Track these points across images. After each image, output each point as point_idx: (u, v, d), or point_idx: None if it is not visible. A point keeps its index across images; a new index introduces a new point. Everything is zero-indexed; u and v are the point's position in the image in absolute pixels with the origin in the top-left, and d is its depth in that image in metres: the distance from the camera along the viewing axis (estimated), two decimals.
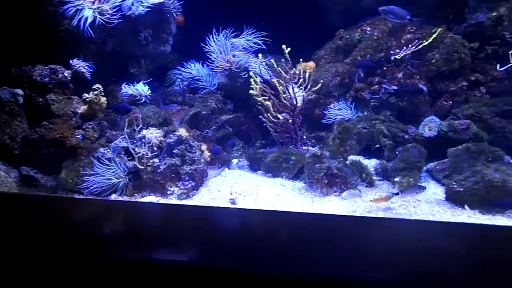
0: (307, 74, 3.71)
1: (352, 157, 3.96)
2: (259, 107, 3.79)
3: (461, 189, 3.01)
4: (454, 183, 3.07)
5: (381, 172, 3.72)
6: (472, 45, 3.89)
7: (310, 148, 4.08)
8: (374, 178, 3.71)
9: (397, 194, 3.11)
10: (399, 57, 3.79)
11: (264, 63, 3.98)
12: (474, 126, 3.60)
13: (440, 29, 3.85)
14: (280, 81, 3.67)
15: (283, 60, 4.00)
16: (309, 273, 1.56)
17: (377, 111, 4.06)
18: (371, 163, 3.91)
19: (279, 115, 3.67)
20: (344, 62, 4.21)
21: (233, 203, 3.02)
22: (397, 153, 3.79)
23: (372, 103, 4.05)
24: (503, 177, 2.90)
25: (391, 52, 3.95)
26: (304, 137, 4.13)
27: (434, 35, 3.70)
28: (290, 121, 3.73)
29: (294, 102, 3.73)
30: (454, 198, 3.07)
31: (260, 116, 3.79)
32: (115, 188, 3.23)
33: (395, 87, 3.89)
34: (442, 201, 3.11)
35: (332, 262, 1.63)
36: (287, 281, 1.57)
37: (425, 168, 3.76)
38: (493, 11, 3.79)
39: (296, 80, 3.78)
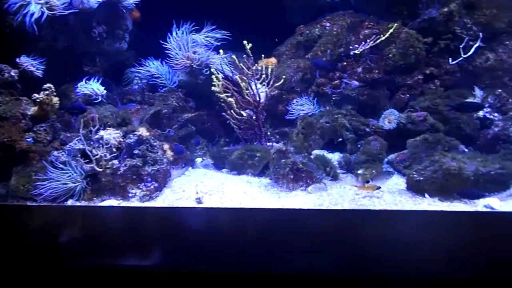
0: (269, 70, 3.70)
1: (316, 152, 4.01)
2: (222, 104, 3.73)
3: (421, 178, 3.12)
4: (414, 172, 3.17)
5: (345, 165, 3.79)
6: (426, 40, 4.04)
7: (274, 144, 4.08)
8: (338, 171, 3.77)
9: (367, 182, 3.21)
10: (358, 52, 3.87)
11: (225, 59, 3.92)
12: (430, 117, 3.75)
13: (396, 24, 3.98)
14: (243, 77, 3.64)
15: (244, 56, 3.97)
16: (281, 269, 1.54)
17: (339, 105, 4.13)
18: (334, 157, 3.98)
19: (242, 112, 3.64)
20: (306, 58, 4.24)
21: (199, 202, 2.95)
22: (359, 146, 3.88)
23: (333, 98, 4.11)
24: (459, 165, 3.04)
25: (351, 47, 4.03)
26: (268, 133, 4.12)
27: (391, 30, 3.81)
28: (254, 117, 3.70)
29: (257, 98, 3.71)
30: (415, 187, 3.18)
31: (224, 113, 3.74)
32: (71, 193, 3.06)
33: (356, 83, 3.97)
34: (404, 191, 3.21)
35: (304, 257, 1.63)
36: (258, 279, 1.53)
37: (386, 159, 3.88)
38: (444, 6, 3.96)
39: (258, 76, 3.76)
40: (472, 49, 4.03)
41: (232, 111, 3.67)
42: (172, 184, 3.37)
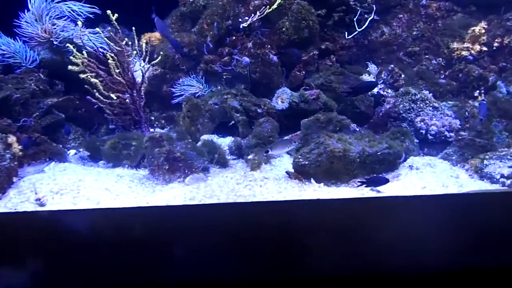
0: (143, 45, 3.21)
1: (205, 137, 3.64)
2: (86, 86, 3.19)
3: (306, 162, 2.89)
4: (299, 156, 2.93)
5: (236, 150, 3.47)
6: (319, 12, 3.79)
7: (159, 130, 3.64)
8: (229, 157, 3.46)
9: (267, 152, 2.99)
10: (246, 25, 3.52)
11: (95, 34, 3.36)
12: (323, 95, 3.53)
13: None
14: (112, 54, 3.12)
15: (125, 32, 3.45)
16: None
17: (231, 85, 3.77)
18: (226, 142, 3.65)
19: (112, 95, 3.13)
20: (192, 32, 3.80)
21: (41, 204, 2.45)
22: (252, 128, 3.58)
23: (224, 77, 3.74)
24: (345, 146, 2.85)
25: (240, 19, 3.65)
26: (152, 118, 3.66)
27: (279, 1, 3.49)
28: (128, 100, 3.22)
29: (131, 77, 3.22)
30: (301, 172, 2.95)
31: (89, 97, 3.20)
32: None
33: (247, 59, 3.62)
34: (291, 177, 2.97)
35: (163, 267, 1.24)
36: None
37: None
38: None
39: (135, 53, 3.27)
40: (367, 22, 3.86)
41: (99, 93, 3.15)
42: (20, 184, 2.80)
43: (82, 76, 3.09)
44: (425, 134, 3.30)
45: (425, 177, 2.89)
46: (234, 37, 3.70)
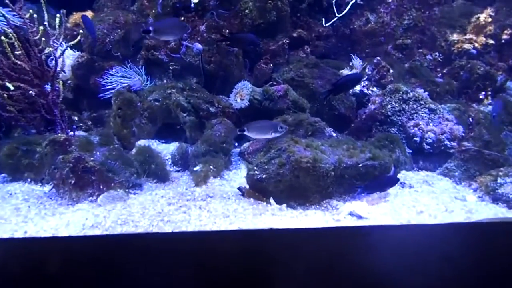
0: (57, 24, 2.48)
1: (142, 142, 2.92)
2: None
3: (264, 176, 2.20)
4: (255, 168, 2.23)
5: (180, 159, 2.76)
6: None
7: (82, 133, 2.89)
8: (171, 169, 2.74)
9: (242, 131, 2.37)
10: (197, 1, 2.83)
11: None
12: (293, 92, 2.86)
13: None
14: (11, 33, 2.38)
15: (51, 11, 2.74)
16: None
17: (179, 77, 3.07)
18: (170, 149, 2.93)
19: (8, 84, 2.38)
20: (130, 10, 3.09)
21: None
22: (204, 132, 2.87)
23: (171, 67, 3.04)
24: (315, 155, 2.16)
25: None
26: (76, 118, 2.91)
27: None
28: (32, 92, 2.46)
29: (38, 62, 2.48)
30: (257, 189, 2.25)
31: None
32: None
33: (199, 46, 2.93)
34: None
35: None
36: None
37: (237, 150, 2.93)
38: None
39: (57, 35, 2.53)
40: (347, 7, 3.22)
41: None
42: None
43: None
44: (419, 143, 2.64)
45: (422, 198, 2.23)
46: (183, 18, 3.01)
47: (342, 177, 2.26)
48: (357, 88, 3.05)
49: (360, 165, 2.25)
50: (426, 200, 2.20)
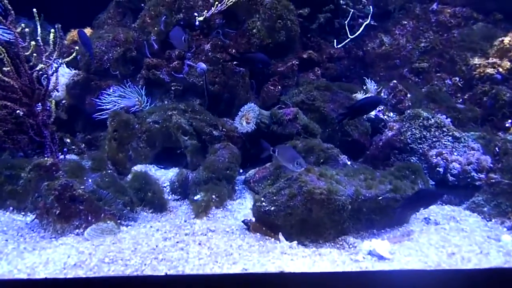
0: (51, 40, 2.33)
1: (139, 167, 2.71)
2: None
3: (273, 208, 1.98)
4: (263, 198, 2.00)
5: (179, 187, 2.55)
6: (301, 11, 3.01)
7: (73, 157, 2.69)
8: (170, 197, 2.53)
9: (274, 151, 2.15)
10: (202, 19, 2.69)
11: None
12: (303, 116, 2.68)
13: None
14: (0, 48, 2.22)
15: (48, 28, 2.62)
16: None
17: (181, 98, 2.90)
18: (169, 175, 2.72)
19: None
20: (132, 27, 2.95)
21: None
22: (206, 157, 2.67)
23: (173, 88, 2.87)
24: (329, 186, 1.94)
25: (195, 13, 2.83)
26: (68, 140, 2.72)
27: None
28: (20, 112, 2.28)
29: (28, 80, 2.30)
30: (265, 222, 2.02)
31: None
32: None
33: (203, 65, 2.76)
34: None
35: None
36: None
37: (242, 177, 2.72)
38: None
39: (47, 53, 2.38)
40: (361, 28, 3.08)
41: None
42: None
43: None
44: (443, 174, 2.42)
45: (450, 237, 1.98)
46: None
47: (359, 211, 2.04)
48: (372, 112, 2.86)
49: (380, 198, 2.03)
50: (456, 239, 1.96)
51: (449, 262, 1.77)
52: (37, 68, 2.40)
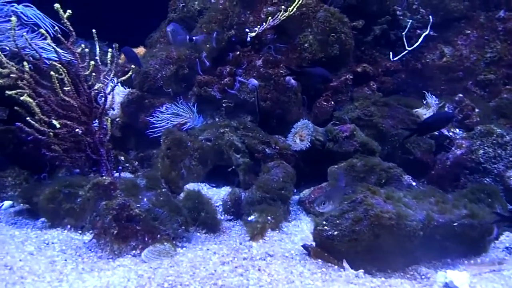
0: (108, 58, 2.37)
1: (191, 186, 2.68)
2: (17, 107, 2.34)
3: (336, 233, 1.86)
4: (325, 222, 1.89)
5: (232, 207, 2.49)
6: (355, 23, 2.91)
7: (127, 175, 2.70)
8: (222, 217, 2.47)
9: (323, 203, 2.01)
10: (254, 34, 2.65)
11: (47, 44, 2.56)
12: (360, 133, 2.54)
13: None
14: (59, 65, 2.28)
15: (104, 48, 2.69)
16: None
17: (233, 115, 2.86)
18: (221, 194, 2.67)
19: (55, 121, 2.25)
20: None
21: None
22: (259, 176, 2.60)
23: (224, 104, 2.84)
24: (398, 210, 1.80)
25: (247, 29, 2.80)
26: (122, 158, 2.75)
27: (295, 4, 2.62)
28: (78, 130, 2.32)
29: (87, 98, 2.35)
30: (327, 248, 1.90)
31: (19, 124, 2.32)
32: None
33: (255, 82, 2.71)
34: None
35: None
36: None
37: (296, 197, 2.62)
38: None
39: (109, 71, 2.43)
40: (420, 40, 2.93)
41: (35, 119, 2.27)
42: None
43: (9, 93, 2.23)
44: None
45: None
46: (238, 52, 2.86)
47: (431, 238, 1.87)
48: None
49: (455, 224, 1.85)
50: None
51: None
52: (95, 87, 2.46)
